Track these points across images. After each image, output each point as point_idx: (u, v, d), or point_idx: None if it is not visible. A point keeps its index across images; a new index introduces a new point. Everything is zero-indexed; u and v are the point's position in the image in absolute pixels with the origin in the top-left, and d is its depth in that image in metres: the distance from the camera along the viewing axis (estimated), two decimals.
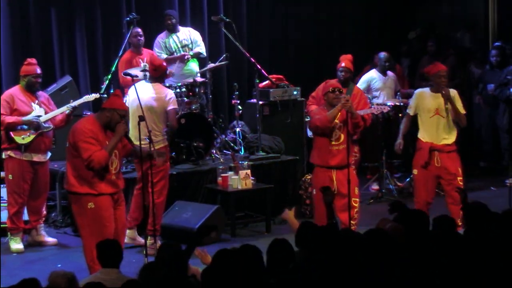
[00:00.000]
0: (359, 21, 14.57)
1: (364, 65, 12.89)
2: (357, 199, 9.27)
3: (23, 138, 9.76)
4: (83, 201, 8.13)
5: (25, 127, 9.76)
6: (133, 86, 9.52)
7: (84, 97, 10.21)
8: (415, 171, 9.68)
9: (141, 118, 8.41)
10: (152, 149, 8.74)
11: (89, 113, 10.85)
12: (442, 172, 9.53)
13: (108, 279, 5.64)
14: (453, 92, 9.61)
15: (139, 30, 11.53)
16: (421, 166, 9.55)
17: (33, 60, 10.01)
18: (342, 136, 9.14)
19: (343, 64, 10.51)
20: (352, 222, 8.94)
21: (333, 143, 9.14)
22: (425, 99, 9.61)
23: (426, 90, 9.70)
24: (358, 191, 9.36)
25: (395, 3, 14.74)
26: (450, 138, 9.61)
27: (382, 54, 12.37)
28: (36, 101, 9.89)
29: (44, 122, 9.83)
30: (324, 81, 10.98)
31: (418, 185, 9.68)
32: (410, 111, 9.76)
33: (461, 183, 9.51)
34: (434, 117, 9.54)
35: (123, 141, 8.32)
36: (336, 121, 9.10)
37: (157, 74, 9.81)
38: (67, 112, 9.86)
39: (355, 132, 9.68)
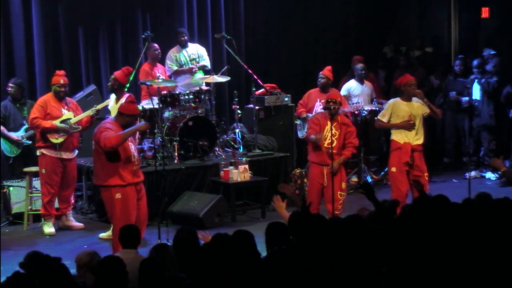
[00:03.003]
0: (340, 39, 14.60)
1: (344, 76, 12.95)
2: (343, 193, 9.28)
3: (57, 138, 9.82)
4: (112, 192, 8.17)
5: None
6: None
7: (106, 101, 10.27)
8: (393, 169, 9.48)
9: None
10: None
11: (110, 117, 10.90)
12: (414, 168, 9.45)
13: (127, 257, 5.70)
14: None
15: (156, 45, 11.61)
16: (403, 163, 9.38)
17: (61, 72, 10.04)
18: (335, 142, 9.14)
19: (320, 72, 10.97)
20: (336, 212, 8.98)
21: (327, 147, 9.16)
22: (398, 107, 9.53)
23: (398, 99, 9.66)
24: (345, 185, 9.38)
25: (371, 22, 14.76)
26: (421, 139, 9.57)
27: (359, 66, 12.41)
28: (66, 107, 9.95)
29: (74, 123, 9.88)
30: (308, 91, 11.16)
31: (398, 181, 9.44)
32: (384, 118, 9.62)
33: (427, 178, 9.52)
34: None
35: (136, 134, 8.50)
36: (333, 128, 9.08)
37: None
38: (91, 114, 9.92)
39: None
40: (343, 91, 12.16)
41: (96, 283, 5.23)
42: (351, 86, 12.27)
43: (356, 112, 11.71)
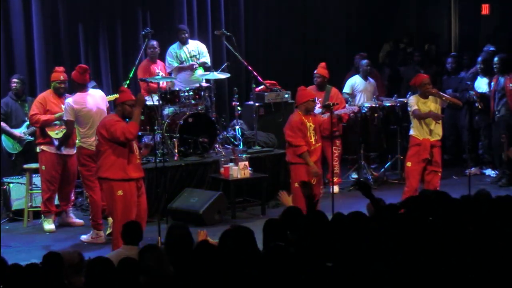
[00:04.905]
0: (340, 36, 14.59)
1: (346, 72, 12.94)
2: (322, 186, 9.62)
3: (57, 133, 9.80)
4: (114, 188, 8.17)
5: (58, 122, 9.80)
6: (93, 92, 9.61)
7: (109, 97, 10.23)
8: (408, 164, 9.60)
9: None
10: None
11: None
12: (432, 164, 9.56)
13: (128, 254, 5.67)
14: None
15: (154, 43, 11.59)
16: (421, 160, 9.48)
17: (60, 68, 10.01)
18: (315, 135, 9.21)
19: (315, 71, 11.21)
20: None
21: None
22: (419, 103, 9.62)
23: (416, 96, 9.72)
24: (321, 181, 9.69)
25: (371, 19, 14.76)
26: (440, 134, 9.67)
27: (364, 61, 12.39)
28: None
29: None
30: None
31: (412, 176, 9.56)
32: (416, 107, 9.60)
33: (440, 175, 9.64)
34: (428, 118, 9.59)
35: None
36: (312, 124, 9.17)
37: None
38: None
39: (332, 131, 9.71)
40: (346, 88, 12.17)
41: (86, 284, 5.21)
42: (355, 82, 12.25)
43: (356, 110, 11.66)
